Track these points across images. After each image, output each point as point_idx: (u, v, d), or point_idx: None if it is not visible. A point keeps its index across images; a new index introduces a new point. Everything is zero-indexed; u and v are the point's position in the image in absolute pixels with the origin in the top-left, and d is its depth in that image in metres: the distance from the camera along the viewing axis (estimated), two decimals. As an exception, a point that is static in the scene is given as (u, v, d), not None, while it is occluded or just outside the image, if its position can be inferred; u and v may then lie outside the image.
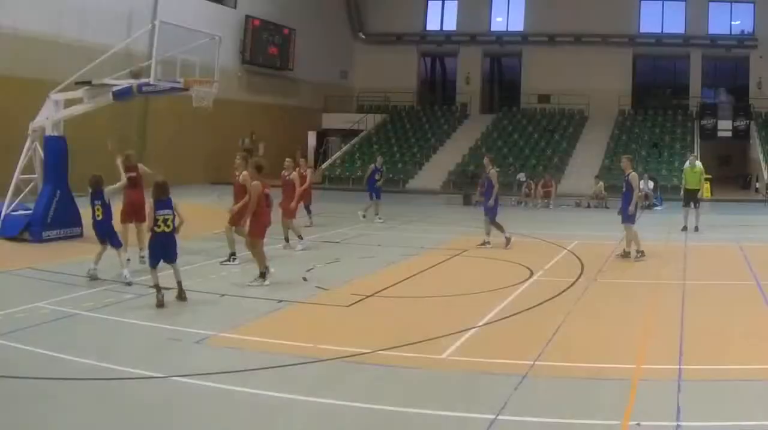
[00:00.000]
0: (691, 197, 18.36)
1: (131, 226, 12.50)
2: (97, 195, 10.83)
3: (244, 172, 12.70)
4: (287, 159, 15.75)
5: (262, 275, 11.00)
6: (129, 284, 10.54)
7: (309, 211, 18.06)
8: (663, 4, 38.90)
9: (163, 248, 9.72)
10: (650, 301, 10.36)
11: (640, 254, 13.56)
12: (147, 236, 10.46)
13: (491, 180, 14.99)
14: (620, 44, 38.31)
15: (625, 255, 13.67)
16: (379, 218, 19.19)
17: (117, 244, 10.92)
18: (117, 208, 11.91)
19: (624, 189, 14.17)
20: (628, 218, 13.76)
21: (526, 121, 38.09)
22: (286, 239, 14.67)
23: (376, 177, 19.86)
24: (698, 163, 18.97)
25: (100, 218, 10.79)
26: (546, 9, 38.93)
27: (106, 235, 10.86)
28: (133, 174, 12.60)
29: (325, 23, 39.20)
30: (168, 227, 9.69)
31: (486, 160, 15.79)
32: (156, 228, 9.64)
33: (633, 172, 14.08)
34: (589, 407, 6.12)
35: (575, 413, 5.96)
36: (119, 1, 26.19)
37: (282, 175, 15.34)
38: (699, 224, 18.24)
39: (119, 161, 12.54)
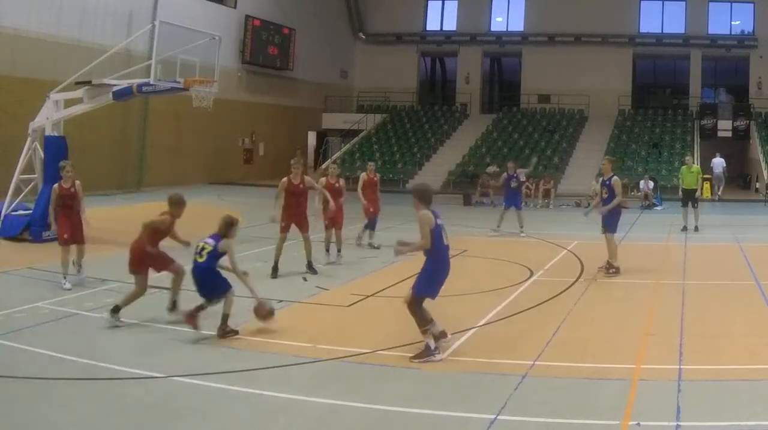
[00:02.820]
0: (689, 197, 18.39)
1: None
2: None
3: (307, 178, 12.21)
4: (333, 165, 13.84)
5: None
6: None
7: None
8: (663, 4, 38.90)
9: None
10: (650, 301, 10.36)
11: (615, 270, 12.03)
12: None
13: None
14: (620, 44, 38.31)
15: (610, 269, 12.06)
16: (522, 232, 17.08)
17: None
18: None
19: (605, 195, 12.33)
20: (610, 227, 12.23)
21: (526, 121, 38.10)
22: (327, 250, 13.24)
23: (512, 184, 17.85)
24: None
25: None
26: (546, 9, 38.95)
27: None
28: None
29: (325, 23, 39.22)
30: None
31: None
32: None
33: (616, 177, 12.30)
34: (589, 407, 6.12)
35: (575, 413, 5.97)
36: (119, 1, 26.22)
37: (327, 182, 13.56)
38: (699, 223, 18.27)
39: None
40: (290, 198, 11.95)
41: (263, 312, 8.49)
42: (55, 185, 11.15)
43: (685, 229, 18.10)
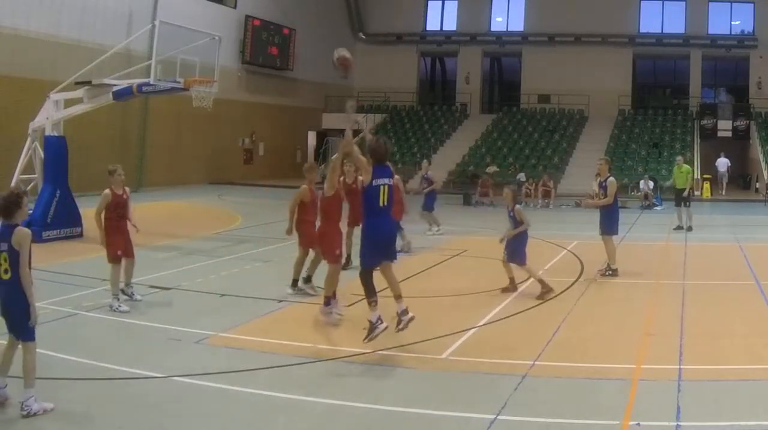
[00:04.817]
0: (679, 197, 18.48)
1: None
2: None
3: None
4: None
5: None
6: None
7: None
8: (663, 4, 38.90)
9: None
10: (650, 301, 10.36)
11: (612, 272, 11.89)
12: None
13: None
14: (620, 44, 38.31)
15: (607, 271, 11.95)
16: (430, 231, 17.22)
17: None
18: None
19: (602, 196, 12.25)
20: (608, 229, 12.09)
21: (526, 121, 38.09)
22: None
23: (424, 185, 18.74)
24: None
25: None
26: (546, 9, 38.95)
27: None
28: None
29: (325, 23, 39.20)
30: (6, 273, 5.85)
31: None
32: None
33: (611, 178, 12.07)
34: (589, 407, 6.12)
35: (575, 413, 5.97)
36: (119, 1, 26.21)
37: (344, 183, 11.07)
38: (692, 223, 18.30)
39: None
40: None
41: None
42: (107, 191, 9.44)
43: (679, 228, 18.16)
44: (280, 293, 10.22)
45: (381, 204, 7.46)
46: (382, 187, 7.49)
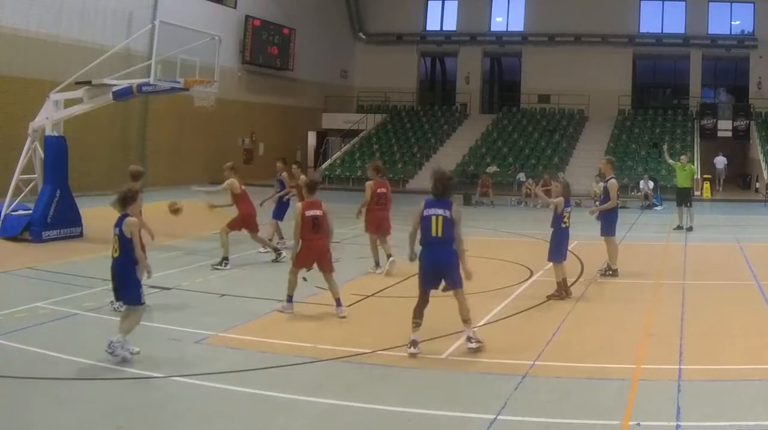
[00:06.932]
0: (681, 197, 18.46)
1: None
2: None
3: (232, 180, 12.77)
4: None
5: None
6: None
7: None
8: (663, 4, 38.93)
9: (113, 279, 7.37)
10: (650, 301, 10.36)
11: (612, 272, 11.87)
12: None
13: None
14: (620, 44, 38.33)
15: (607, 271, 11.93)
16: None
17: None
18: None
19: (602, 196, 12.21)
20: (607, 230, 11.99)
21: (526, 121, 38.11)
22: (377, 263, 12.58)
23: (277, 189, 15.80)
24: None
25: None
26: (546, 9, 38.97)
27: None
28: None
29: (325, 23, 39.22)
30: (116, 252, 7.26)
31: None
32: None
33: (613, 179, 11.89)
34: (589, 407, 6.12)
35: (575, 413, 5.97)
36: (119, 1, 26.19)
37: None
38: (693, 224, 18.28)
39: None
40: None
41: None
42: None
43: (679, 228, 18.16)
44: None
45: (434, 234, 7.61)
46: (433, 218, 7.60)
